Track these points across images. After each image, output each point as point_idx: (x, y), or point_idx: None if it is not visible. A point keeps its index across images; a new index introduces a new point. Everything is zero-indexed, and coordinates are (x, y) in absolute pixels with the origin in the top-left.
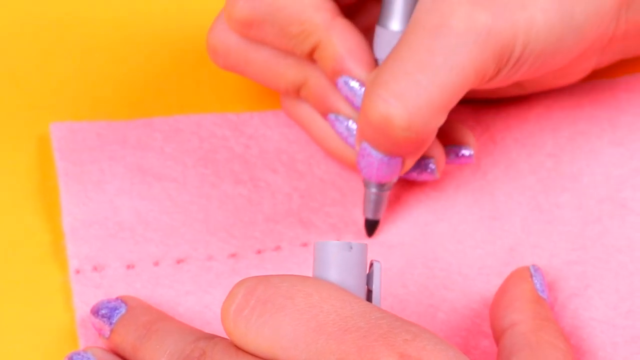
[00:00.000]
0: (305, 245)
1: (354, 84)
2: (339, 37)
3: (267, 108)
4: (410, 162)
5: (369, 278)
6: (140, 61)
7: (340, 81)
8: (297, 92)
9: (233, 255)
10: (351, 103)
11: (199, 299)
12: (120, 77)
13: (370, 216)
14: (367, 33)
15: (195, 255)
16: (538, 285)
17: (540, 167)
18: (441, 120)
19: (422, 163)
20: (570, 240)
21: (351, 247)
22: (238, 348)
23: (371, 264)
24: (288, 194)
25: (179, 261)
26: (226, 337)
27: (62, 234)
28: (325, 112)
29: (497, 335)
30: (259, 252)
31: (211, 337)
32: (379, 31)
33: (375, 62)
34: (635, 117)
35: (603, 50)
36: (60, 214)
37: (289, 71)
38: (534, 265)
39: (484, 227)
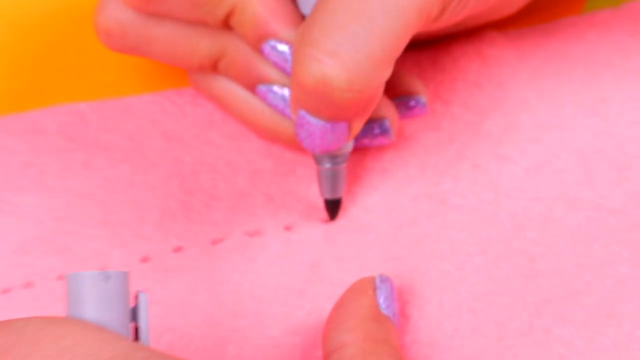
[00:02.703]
0: (62, 278)
1: (283, 47)
2: None
3: (11, 110)
4: (357, 126)
5: (134, 312)
6: None
7: (267, 46)
8: (213, 66)
9: None
10: (282, 70)
11: None
12: None
13: (328, 195)
14: None
15: None
16: (381, 300)
17: None
18: (387, 73)
19: (374, 126)
20: (383, 250)
21: (109, 277)
22: None
23: (136, 296)
24: (38, 216)
25: None
26: None
27: None
28: (252, 85)
29: (325, 359)
30: (5, 291)
31: None
32: None
33: (303, 20)
34: (452, 94)
35: None
36: None
37: (202, 44)
38: (381, 275)
39: (279, 241)
